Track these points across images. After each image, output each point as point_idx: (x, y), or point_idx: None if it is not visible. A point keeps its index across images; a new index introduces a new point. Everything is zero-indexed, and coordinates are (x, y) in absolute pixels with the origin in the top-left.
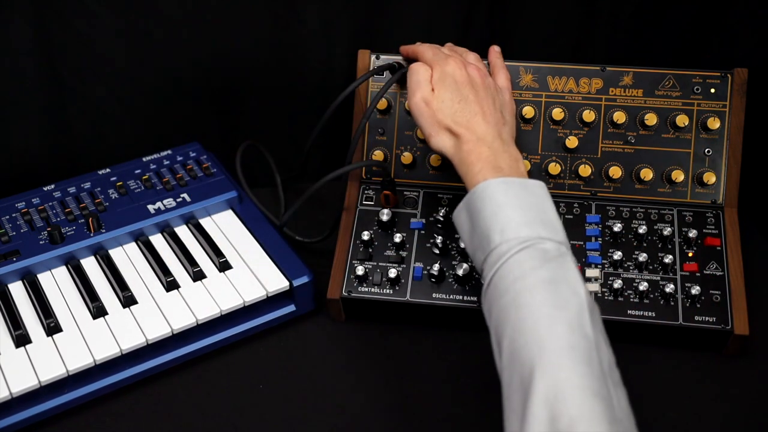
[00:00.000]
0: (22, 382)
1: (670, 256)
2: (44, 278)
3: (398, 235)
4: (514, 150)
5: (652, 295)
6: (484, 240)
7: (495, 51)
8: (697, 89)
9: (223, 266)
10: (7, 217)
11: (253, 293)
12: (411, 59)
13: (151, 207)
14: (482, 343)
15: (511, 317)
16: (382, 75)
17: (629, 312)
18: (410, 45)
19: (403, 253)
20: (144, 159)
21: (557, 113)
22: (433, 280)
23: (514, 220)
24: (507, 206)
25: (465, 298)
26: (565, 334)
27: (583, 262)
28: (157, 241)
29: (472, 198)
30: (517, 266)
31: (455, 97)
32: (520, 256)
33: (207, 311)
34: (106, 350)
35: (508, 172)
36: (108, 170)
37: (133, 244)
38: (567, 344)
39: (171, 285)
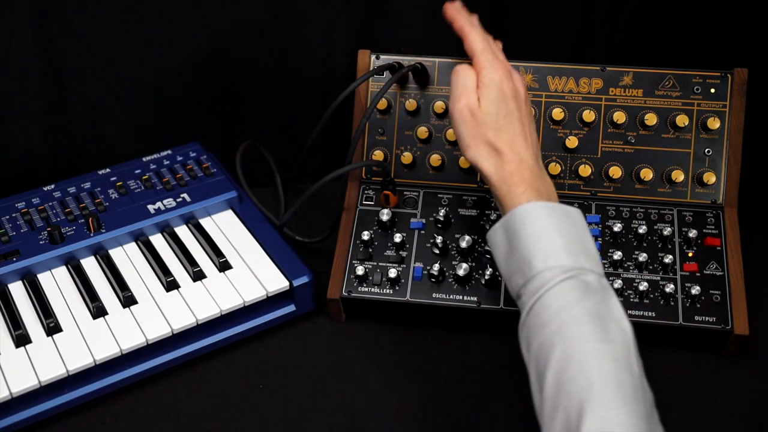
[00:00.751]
0: (22, 382)
1: (670, 256)
2: (44, 278)
3: (398, 235)
4: (548, 176)
5: (652, 295)
6: (524, 265)
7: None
8: (697, 89)
9: (223, 266)
10: (7, 217)
11: (253, 293)
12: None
13: (151, 207)
14: (482, 343)
15: (557, 349)
16: (382, 75)
17: (629, 312)
18: (461, 18)
19: (403, 253)
20: (144, 159)
21: (557, 113)
22: (433, 280)
23: (557, 247)
24: (550, 232)
25: (465, 298)
26: (614, 369)
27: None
28: (157, 241)
29: (513, 219)
30: (562, 296)
31: (501, 111)
32: (564, 285)
33: (207, 311)
34: (106, 350)
35: (547, 196)
36: (108, 170)
37: (133, 244)
38: (616, 380)
39: (171, 285)
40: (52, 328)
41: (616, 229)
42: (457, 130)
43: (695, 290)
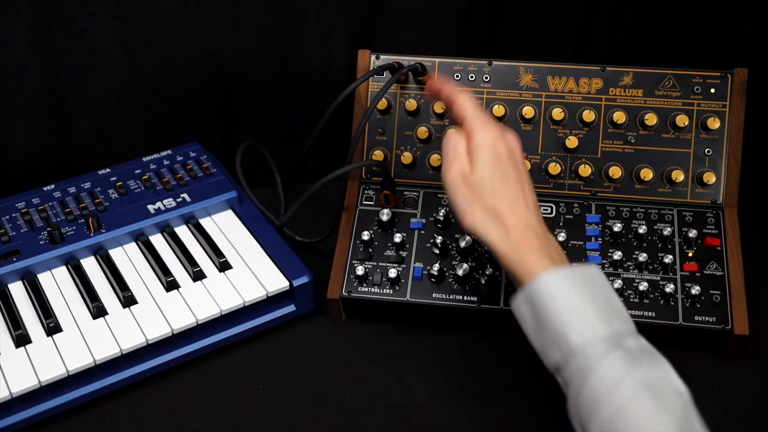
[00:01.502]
0: (22, 382)
1: (670, 256)
2: (44, 278)
3: (398, 235)
4: (552, 236)
5: (652, 295)
6: (559, 340)
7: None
8: (697, 89)
9: (223, 266)
10: (7, 217)
11: (253, 293)
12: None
13: (151, 207)
14: (482, 343)
15: (619, 431)
16: (382, 75)
17: (629, 312)
18: (448, 85)
19: (403, 253)
20: (144, 159)
21: (557, 113)
22: (433, 280)
23: (590, 316)
24: (579, 301)
25: (465, 298)
26: None
27: (582, 262)
28: (157, 241)
29: (535, 292)
30: (610, 371)
31: (496, 174)
32: (609, 360)
33: (207, 311)
34: (106, 350)
35: (560, 260)
36: (108, 170)
37: (133, 244)
38: None
39: (171, 285)
40: (52, 328)
41: (616, 229)
42: (452, 198)
43: (695, 290)
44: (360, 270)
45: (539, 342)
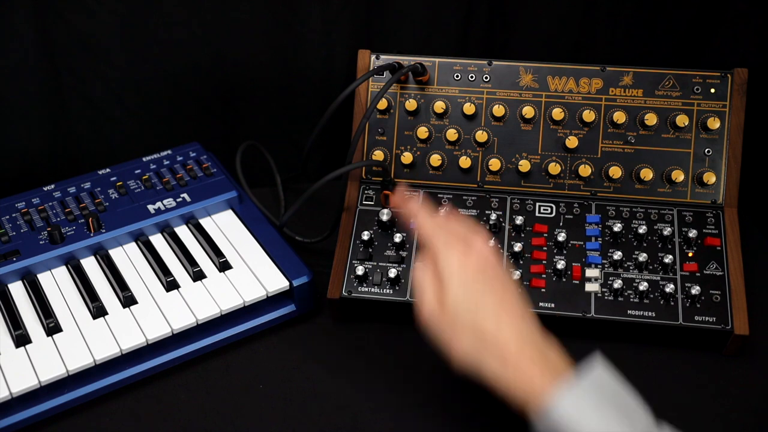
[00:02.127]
0: (22, 382)
1: (670, 256)
2: (44, 278)
3: (398, 235)
4: (545, 333)
5: (652, 295)
6: None
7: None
8: (697, 89)
9: (223, 266)
10: (7, 217)
11: (253, 293)
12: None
13: (151, 207)
14: None
15: None
16: (382, 75)
17: (629, 312)
18: (408, 203)
19: (403, 253)
20: (144, 159)
21: (557, 113)
22: None
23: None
24: (597, 421)
25: None
26: None
27: (583, 262)
28: (157, 241)
29: (551, 422)
30: None
31: (470, 294)
32: None
33: (207, 311)
34: (106, 350)
35: (562, 366)
36: (108, 170)
37: (133, 244)
38: None
39: (171, 285)
40: (52, 328)
41: (616, 229)
42: (435, 336)
43: (695, 290)
44: (360, 270)
45: None
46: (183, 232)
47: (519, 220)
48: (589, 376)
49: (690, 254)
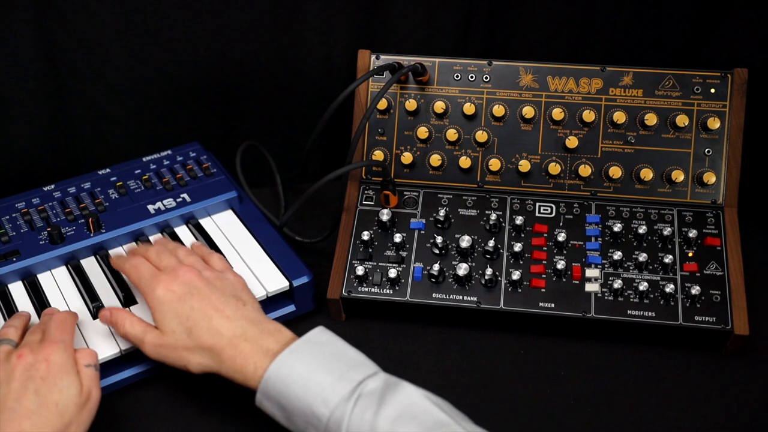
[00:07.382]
0: None
1: (670, 256)
2: (44, 278)
3: (398, 235)
4: (270, 322)
5: (652, 295)
6: (310, 417)
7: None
8: (697, 89)
9: None
10: (7, 217)
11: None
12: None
13: (151, 207)
14: (482, 343)
15: None
16: (382, 75)
17: (629, 312)
18: (119, 261)
19: (403, 253)
20: (144, 159)
21: (557, 113)
22: (433, 280)
23: (327, 382)
24: (310, 374)
25: (465, 298)
26: None
27: (583, 262)
28: None
29: (268, 387)
30: (360, 420)
31: (181, 318)
32: (356, 411)
33: None
34: (106, 350)
35: (279, 346)
36: (108, 170)
37: (134, 244)
38: None
39: None
40: None
41: (616, 229)
42: (169, 363)
43: (695, 290)
44: (360, 270)
45: (295, 427)
46: (183, 232)
47: (519, 220)
48: (303, 339)
49: (690, 254)
